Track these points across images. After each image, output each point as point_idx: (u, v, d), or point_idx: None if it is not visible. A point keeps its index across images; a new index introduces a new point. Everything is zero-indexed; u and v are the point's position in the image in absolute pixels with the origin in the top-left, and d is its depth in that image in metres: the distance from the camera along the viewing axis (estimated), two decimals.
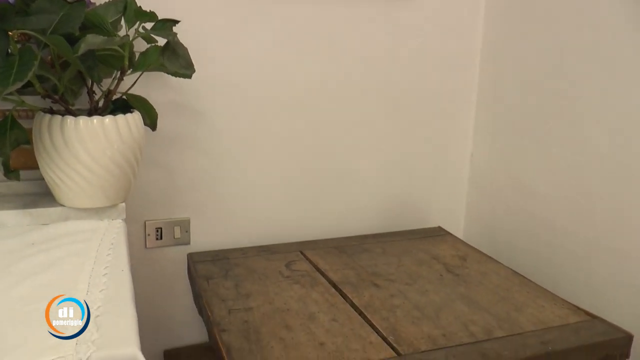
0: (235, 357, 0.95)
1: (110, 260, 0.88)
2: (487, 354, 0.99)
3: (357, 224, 1.64)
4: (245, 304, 1.15)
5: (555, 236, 1.43)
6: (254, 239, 1.52)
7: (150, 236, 1.44)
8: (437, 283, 1.27)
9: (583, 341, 1.05)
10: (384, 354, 0.98)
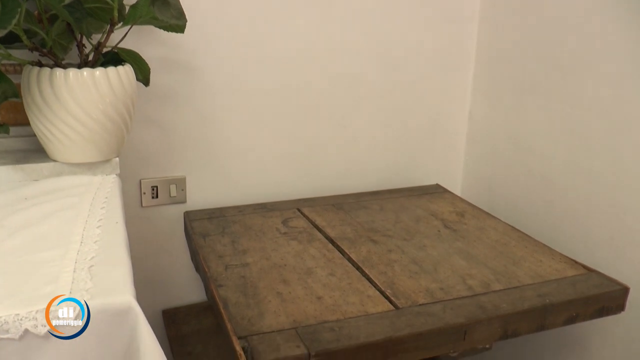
0: (232, 312, 0.95)
1: (104, 213, 0.87)
2: (485, 306, 0.99)
3: (354, 182, 1.63)
4: (242, 260, 1.14)
5: (554, 192, 1.42)
6: (251, 196, 1.51)
7: (145, 195, 1.42)
8: (435, 238, 1.26)
9: (580, 294, 1.05)
10: (381, 307, 0.98)
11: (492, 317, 0.96)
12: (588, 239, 1.33)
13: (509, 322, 0.98)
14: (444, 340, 0.94)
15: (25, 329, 0.59)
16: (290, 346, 0.85)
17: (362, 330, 0.90)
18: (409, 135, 1.67)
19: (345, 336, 0.89)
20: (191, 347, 1.38)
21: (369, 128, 1.62)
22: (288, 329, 0.90)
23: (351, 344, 0.87)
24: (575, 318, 1.05)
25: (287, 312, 0.95)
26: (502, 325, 0.98)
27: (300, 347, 0.85)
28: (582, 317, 1.06)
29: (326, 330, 0.90)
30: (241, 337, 0.88)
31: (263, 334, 0.89)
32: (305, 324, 0.92)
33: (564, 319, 1.04)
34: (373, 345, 0.88)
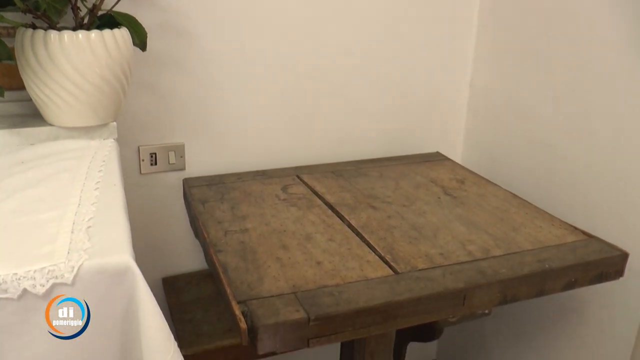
0: (231, 276, 0.95)
1: (102, 176, 0.86)
2: (485, 271, 0.99)
3: (354, 149, 1.62)
4: (241, 226, 1.14)
5: (555, 159, 1.41)
6: (250, 164, 1.50)
7: (144, 162, 1.42)
8: (435, 205, 1.26)
9: (579, 259, 1.05)
10: (381, 272, 0.98)
11: (492, 282, 0.96)
12: (588, 205, 1.33)
13: (508, 287, 0.98)
14: (443, 305, 0.94)
15: (24, 289, 0.59)
16: (289, 310, 0.86)
17: (362, 295, 0.90)
18: (409, 103, 1.66)
19: (345, 300, 0.89)
20: (191, 315, 1.39)
21: (369, 95, 1.60)
22: (287, 294, 0.90)
23: (350, 309, 0.87)
24: (574, 283, 1.05)
25: (287, 277, 0.95)
26: (501, 290, 0.98)
27: (300, 311, 0.85)
28: (581, 282, 1.06)
29: (325, 294, 0.90)
30: (240, 301, 0.88)
31: (262, 299, 0.89)
32: (305, 289, 0.92)
33: (563, 284, 1.04)
34: (372, 310, 0.89)
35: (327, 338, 0.87)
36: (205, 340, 1.31)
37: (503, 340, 1.69)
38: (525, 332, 1.60)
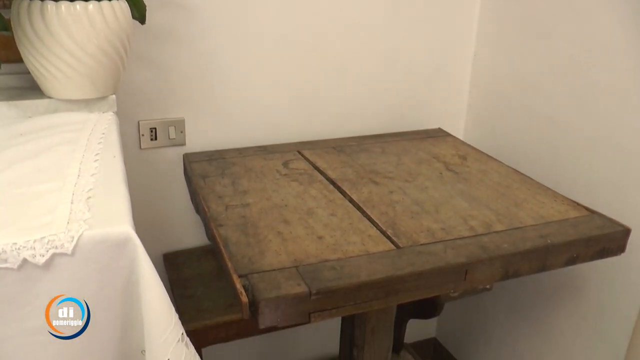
0: (232, 250, 0.95)
1: (102, 148, 0.85)
2: (487, 246, 0.98)
3: (355, 125, 1.60)
4: (242, 200, 1.13)
5: (558, 134, 1.40)
6: (251, 139, 1.49)
7: (144, 137, 1.40)
8: (437, 180, 1.25)
9: (581, 234, 1.04)
10: (382, 246, 0.97)
11: (494, 257, 0.96)
12: (591, 181, 1.32)
13: (510, 262, 0.98)
14: (444, 279, 0.94)
15: (24, 259, 0.58)
16: (291, 284, 0.85)
17: (363, 269, 0.90)
18: (412, 79, 1.64)
19: (346, 275, 0.88)
20: (192, 290, 1.39)
21: (371, 71, 1.58)
22: (289, 268, 0.90)
23: (352, 283, 0.87)
24: (576, 259, 1.04)
25: (288, 251, 0.95)
26: (503, 265, 0.98)
27: (301, 285, 0.85)
28: (583, 258, 1.05)
29: (327, 268, 0.90)
30: (242, 275, 0.87)
31: (264, 272, 0.88)
32: (306, 263, 0.91)
33: (565, 259, 1.03)
34: (374, 284, 0.88)
35: (328, 312, 0.87)
36: (206, 315, 1.31)
37: (503, 318, 1.69)
38: (525, 309, 1.60)
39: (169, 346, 0.64)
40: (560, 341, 1.49)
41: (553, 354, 1.52)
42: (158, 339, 0.64)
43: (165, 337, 0.64)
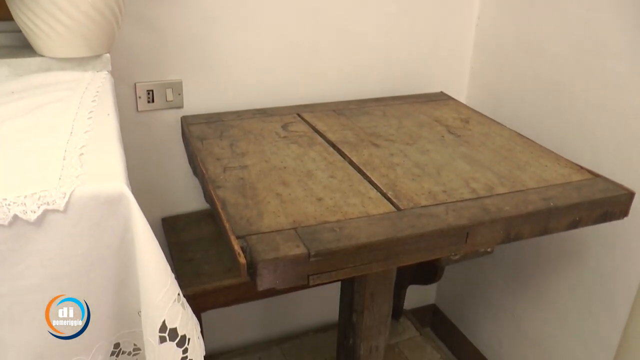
0: (230, 212, 0.93)
1: (95, 106, 0.83)
2: (488, 209, 0.97)
3: (356, 88, 1.58)
4: (240, 162, 1.11)
5: (562, 98, 1.38)
6: (250, 102, 1.46)
7: (141, 99, 1.38)
8: (439, 143, 1.23)
9: (584, 197, 1.03)
10: (383, 208, 0.96)
11: (495, 220, 0.94)
12: (595, 145, 1.30)
13: (512, 224, 0.97)
14: (445, 242, 0.93)
15: (15, 215, 0.56)
16: (289, 246, 0.84)
17: (363, 231, 0.89)
18: (414, 42, 1.61)
19: (346, 236, 0.87)
20: (191, 254, 1.38)
21: (372, 33, 1.55)
22: (287, 229, 0.88)
23: (351, 244, 0.85)
24: (578, 222, 1.03)
25: (287, 212, 0.93)
26: (504, 228, 0.96)
27: (300, 246, 0.84)
28: (585, 221, 1.04)
29: (326, 230, 0.88)
30: (240, 236, 0.86)
31: (262, 234, 0.87)
32: (305, 225, 0.90)
33: (567, 223, 1.02)
34: (374, 246, 0.87)
35: (327, 275, 0.86)
36: (206, 279, 1.30)
37: (502, 284, 1.69)
38: (525, 276, 1.60)
39: (164, 307, 0.63)
40: (559, 307, 1.49)
41: (552, 320, 1.52)
42: (153, 299, 0.63)
43: (160, 297, 0.63)
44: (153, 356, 0.65)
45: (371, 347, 1.34)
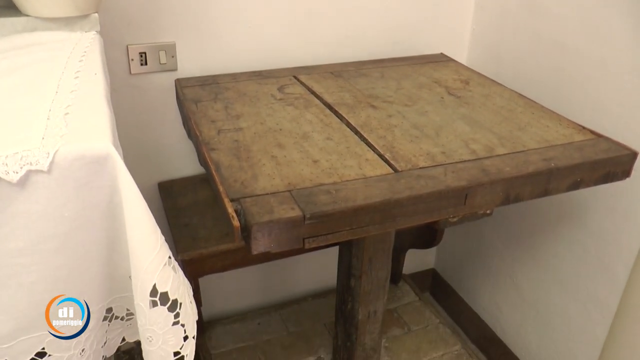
0: (224, 174, 0.91)
1: (83, 65, 0.80)
2: (488, 169, 0.95)
3: (354, 50, 1.54)
4: (235, 125, 1.09)
5: (565, 57, 1.34)
6: (245, 64, 1.43)
7: (134, 61, 1.35)
8: (438, 104, 1.20)
9: (586, 158, 1.00)
10: (380, 170, 0.94)
11: (495, 181, 0.93)
12: (598, 106, 1.27)
13: (512, 186, 0.95)
14: (444, 203, 0.91)
15: None
16: (284, 208, 0.82)
17: (360, 193, 0.87)
18: (414, 2, 1.56)
19: (342, 199, 0.85)
20: (188, 219, 1.37)
21: None
22: (282, 192, 0.86)
23: (348, 207, 0.84)
24: (580, 183, 1.01)
25: (282, 175, 0.91)
26: (504, 190, 0.94)
27: (295, 209, 0.82)
28: (587, 182, 1.02)
29: (322, 192, 0.87)
30: (234, 199, 0.84)
31: (256, 197, 0.85)
32: (301, 187, 0.88)
33: (569, 184, 1.00)
34: (371, 208, 0.85)
35: (323, 237, 0.85)
36: (202, 244, 1.29)
37: (502, 247, 1.68)
38: (525, 238, 1.59)
39: (154, 270, 0.62)
40: (559, 271, 1.48)
41: (551, 284, 1.51)
42: (143, 262, 0.61)
43: (150, 260, 0.61)
44: (144, 321, 0.64)
45: (369, 311, 1.33)
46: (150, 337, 0.64)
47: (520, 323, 1.65)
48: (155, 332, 0.63)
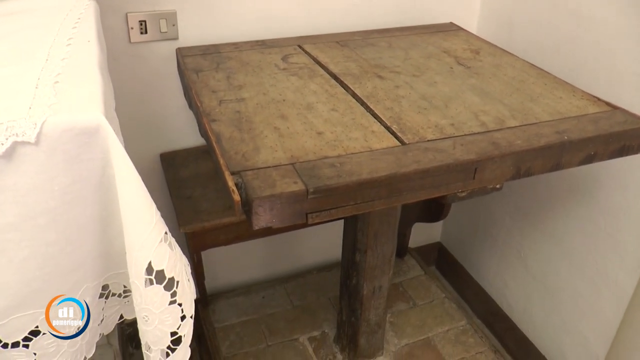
0: (225, 146, 0.88)
1: (76, 32, 0.76)
2: (498, 142, 0.91)
3: (361, 19, 1.49)
4: (237, 95, 1.05)
5: (580, 27, 1.29)
6: (248, 33, 1.39)
7: (133, 30, 1.31)
8: (447, 75, 1.16)
9: (601, 130, 0.97)
10: (386, 142, 0.90)
11: (505, 154, 0.89)
12: (613, 76, 1.23)
13: (522, 159, 0.91)
14: (452, 178, 0.88)
15: None
16: (287, 182, 0.79)
17: (365, 166, 0.84)
18: None
19: (347, 172, 0.82)
20: (190, 191, 1.35)
21: None
22: (285, 165, 0.83)
23: (352, 180, 0.81)
24: (594, 157, 0.97)
25: (285, 147, 0.88)
26: (514, 163, 0.91)
27: (298, 183, 0.79)
28: (601, 156, 0.98)
29: (326, 166, 0.84)
30: (234, 172, 0.81)
31: (258, 170, 0.82)
32: (304, 160, 0.85)
33: (582, 157, 0.96)
34: (376, 182, 0.82)
35: (327, 212, 0.82)
36: (204, 217, 1.27)
37: (509, 221, 1.65)
38: (533, 212, 1.55)
39: (150, 247, 0.59)
40: (567, 246, 1.45)
41: (559, 260, 1.48)
42: (138, 239, 0.59)
43: (145, 236, 0.59)
44: (140, 300, 0.62)
45: (375, 287, 1.31)
46: (146, 316, 0.62)
47: (527, 299, 1.63)
48: (152, 311, 0.61)
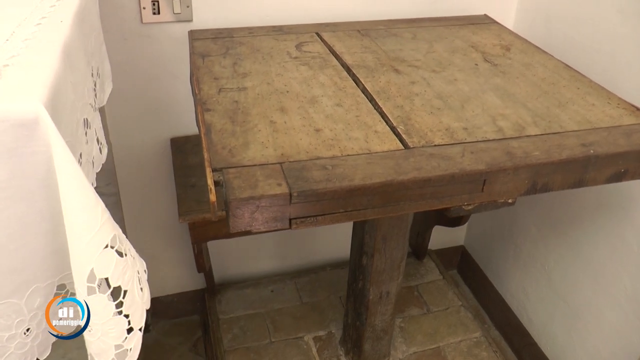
0: (213, 139, 0.82)
1: (52, 11, 0.71)
2: (514, 152, 0.82)
3: (387, 7, 1.40)
4: (239, 84, 0.99)
5: (628, 26, 1.17)
6: (266, 18, 1.32)
7: (145, 10, 1.26)
8: (470, 72, 1.07)
9: (634, 145, 0.86)
10: (388, 145, 0.83)
11: (520, 166, 0.80)
12: None
13: (539, 173, 0.82)
14: (457, 189, 0.79)
15: None
16: (270, 183, 0.73)
17: (359, 171, 0.76)
18: None
19: (338, 176, 0.75)
20: (195, 179, 1.30)
21: None
22: (272, 164, 0.77)
23: (342, 186, 0.73)
24: (623, 175, 0.87)
25: (277, 144, 0.82)
26: (530, 177, 0.82)
27: (282, 185, 0.72)
28: (633, 174, 0.88)
29: (317, 167, 0.76)
30: (217, 169, 0.75)
31: (242, 167, 0.76)
32: (294, 159, 0.78)
33: (609, 174, 0.86)
34: (369, 189, 0.74)
35: (313, 219, 0.75)
36: (207, 208, 1.22)
37: (535, 231, 1.55)
38: (560, 224, 1.45)
39: (92, 253, 0.53)
40: (595, 264, 1.34)
41: (585, 277, 1.37)
42: (79, 242, 0.53)
43: (87, 241, 0.53)
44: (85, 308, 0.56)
45: (381, 292, 1.24)
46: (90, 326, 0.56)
47: (548, 315, 1.53)
48: (94, 322, 0.56)
